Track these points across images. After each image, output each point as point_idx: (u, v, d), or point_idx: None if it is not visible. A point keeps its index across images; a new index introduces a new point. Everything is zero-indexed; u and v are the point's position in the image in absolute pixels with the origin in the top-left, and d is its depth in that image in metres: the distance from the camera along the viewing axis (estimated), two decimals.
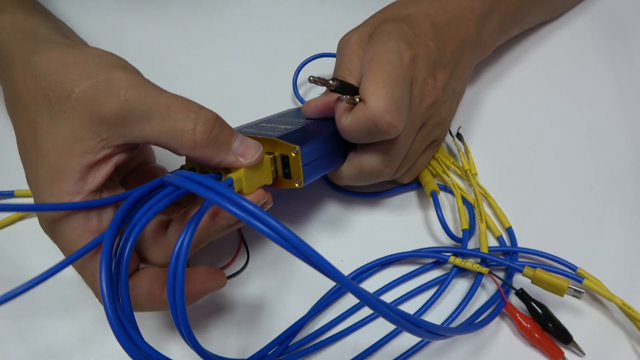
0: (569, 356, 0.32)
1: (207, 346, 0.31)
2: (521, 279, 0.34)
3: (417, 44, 0.33)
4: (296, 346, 0.33)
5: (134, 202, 0.26)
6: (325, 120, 0.34)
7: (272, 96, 0.45)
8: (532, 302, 0.33)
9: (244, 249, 0.37)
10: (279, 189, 0.30)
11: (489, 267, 0.34)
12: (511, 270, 0.35)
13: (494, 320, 0.33)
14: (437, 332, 0.26)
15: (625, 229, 0.38)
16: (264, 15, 0.50)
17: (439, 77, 0.34)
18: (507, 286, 0.34)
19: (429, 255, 0.35)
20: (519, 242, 0.36)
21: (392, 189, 0.39)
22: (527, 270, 0.33)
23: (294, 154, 0.28)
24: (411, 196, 0.40)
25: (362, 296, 0.22)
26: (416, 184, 0.39)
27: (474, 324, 0.32)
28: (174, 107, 0.26)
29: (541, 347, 0.32)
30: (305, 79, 0.44)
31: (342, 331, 0.33)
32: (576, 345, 0.32)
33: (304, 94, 0.45)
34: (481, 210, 0.36)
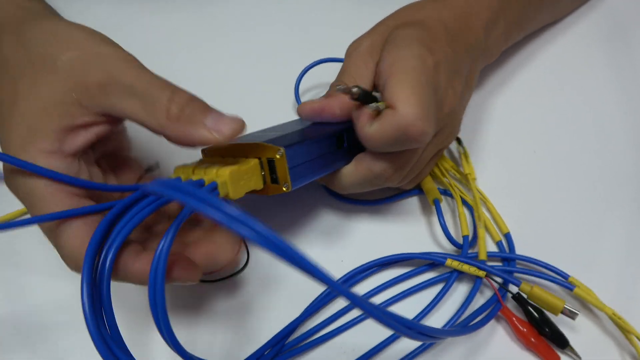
0: None
1: (195, 348, 0.32)
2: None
3: (437, 50, 0.32)
4: (290, 345, 0.33)
5: (115, 217, 0.26)
6: (320, 124, 0.33)
7: (274, 102, 0.44)
8: (529, 306, 0.33)
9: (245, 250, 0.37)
10: (270, 195, 0.30)
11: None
12: (507, 282, 0.34)
13: (491, 323, 0.33)
14: (430, 334, 0.26)
15: (626, 231, 0.38)
16: (266, 16, 0.50)
17: (456, 84, 0.34)
18: (504, 290, 0.34)
19: (427, 257, 0.35)
20: (522, 245, 0.36)
21: (392, 196, 0.39)
22: (524, 286, 0.33)
23: (278, 156, 0.28)
24: (412, 202, 0.39)
25: (351, 297, 0.22)
26: (417, 190, 0.39)
27: (468, 326, 0.32)
28: (153, 84, 0.27)
29: (537, 351, 0.32)
30: (307, 86, 0.44)
31: (335, 330, 0.34)
32: (573, 350, 0.32)
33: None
34: (480, 214, 0.36)
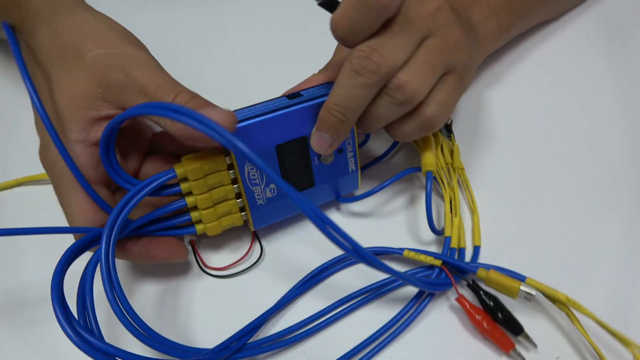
0: (520, 348, 0.32)
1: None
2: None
3: None
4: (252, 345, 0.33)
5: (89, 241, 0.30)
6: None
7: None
8: (482, 293, 0.33)
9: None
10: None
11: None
12: (464, 271, 0.35)
13: (446, 312, 0.34)
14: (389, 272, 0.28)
15: (625, 233, 0.37)
16: (268, 17, 0.51)
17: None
18: (459, 278, 0.34)
19: (385, 251, 0.36)
20: (511, 249, 0.36)
21: (381, 184, 0.37)
22: (480, 271, 0.34)
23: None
24: (400, 198, 0.40)
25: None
26: (414, 169, 0.38)
27: (426, 281, 0.33)
28: (162, 86, 0.30)
29: (492, 338, 0.32)
30: None
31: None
32: (527, 337, 0.32)
33: None
34: (457, 204, 0.37)
